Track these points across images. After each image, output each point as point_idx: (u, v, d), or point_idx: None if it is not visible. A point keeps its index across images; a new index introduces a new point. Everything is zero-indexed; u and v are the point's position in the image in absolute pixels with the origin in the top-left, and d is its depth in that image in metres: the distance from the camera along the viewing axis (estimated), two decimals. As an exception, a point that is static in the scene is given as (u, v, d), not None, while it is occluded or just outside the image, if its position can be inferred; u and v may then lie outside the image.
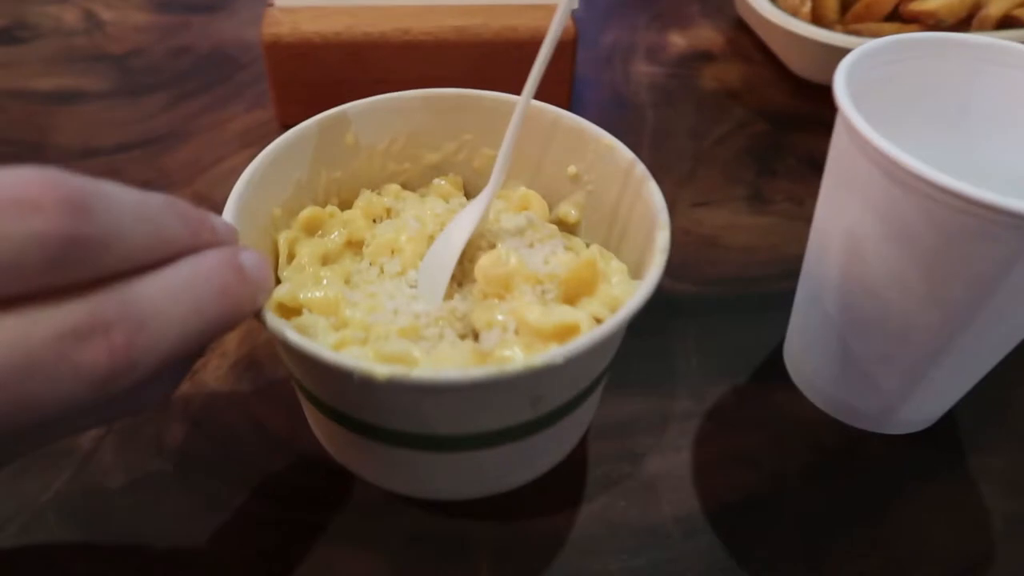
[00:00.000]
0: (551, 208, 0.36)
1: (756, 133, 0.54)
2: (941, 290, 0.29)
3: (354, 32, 0.49)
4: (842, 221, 0.31)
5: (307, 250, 0.32)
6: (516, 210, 0.35)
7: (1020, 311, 0.29)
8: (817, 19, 0.58)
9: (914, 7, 0.55)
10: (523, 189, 0.36)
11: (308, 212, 0.33)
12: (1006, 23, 0.55)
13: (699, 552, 0.32)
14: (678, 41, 0.63)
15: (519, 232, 0.33)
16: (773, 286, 0.43)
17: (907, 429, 0.36)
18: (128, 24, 0.62)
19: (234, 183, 0.48)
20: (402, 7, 0.50)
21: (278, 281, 0.32)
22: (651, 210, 0.30)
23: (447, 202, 0.36)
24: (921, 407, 0.35)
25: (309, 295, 0.30)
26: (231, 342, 0.38)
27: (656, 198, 0.30)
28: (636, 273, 0.31)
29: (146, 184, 0.48)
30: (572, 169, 0.35)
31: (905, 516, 0.33)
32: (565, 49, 0.50)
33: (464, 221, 0.32)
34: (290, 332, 0.24)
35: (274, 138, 0.53)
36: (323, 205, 0.35)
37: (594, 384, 0.29)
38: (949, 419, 0.37)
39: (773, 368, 0.39)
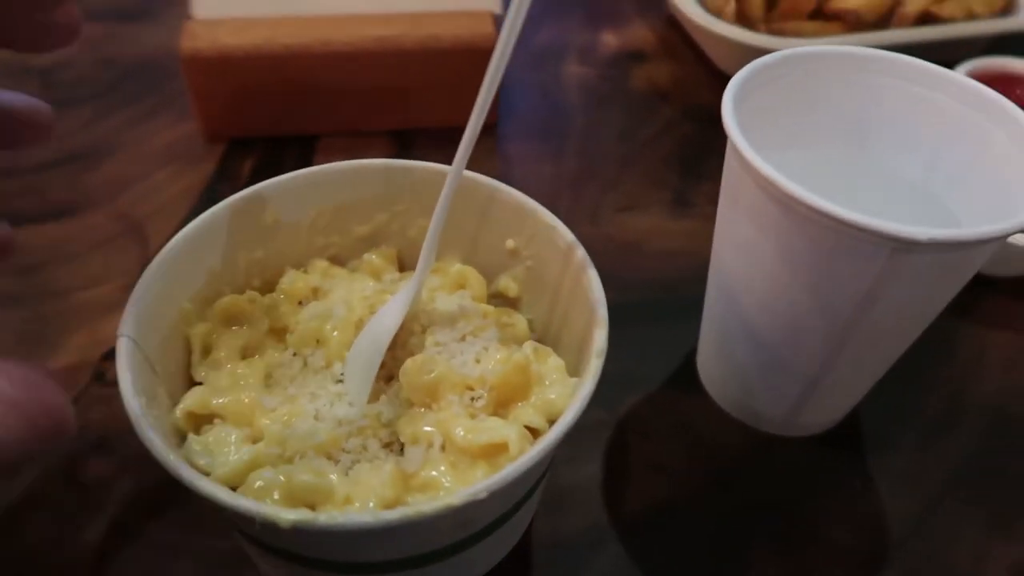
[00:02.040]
0: (490, 281, 0.34)
1: (683, 134, 0.55)
2: (824, 303, 0.29)
3: (274, 44, 0.48)
4: (735, 237, 0.32)
5: (225, 343, 0.30)
6: (452, 288, 0.34)
7: (901, 322, 0.30)
8: (743, 17, 0.58)
9: (836, 4, 0.55)
10: (459, 265, 0.34)
11: (225, 302, 0.31)
12: (924, 19, 0.56)
13: (606, 563, 0.33)
14: (611, 41, 0.63)
15: (451, 321, 0.31)
16: (690, 291, 0.43)
17: (811, 431, 0.37)
18: (53, 35, 0.61)
19: (157, 201, 0.49)
20: (323, 17, 0.50)
21: (193, 382, 0.30)
22: (589, 302, 0.29)
23: (379, 280, 0.34)
24: (821, 411, 0.36)
25: (221, 401, 0.28)
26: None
27: (595, 290, 0.29)
28: (575, 368, 0.30)
29: (66, 205, 0.48)
30: (511, 243, 0.34)
31: (808, 518, 0.34)
32: (486, 59, 0.50)
33: (392, 309, 0.30)
34: (184, 471, 0.23)
35: (200, 153, 0.52)
36: (243, 290, 0.32)
37: (532, 490, 0.28)
38: (854, 420, 0.38)
39: (686, 375, 0.40)
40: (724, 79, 0.59)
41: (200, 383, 0.30)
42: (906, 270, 0.27)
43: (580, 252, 0.31)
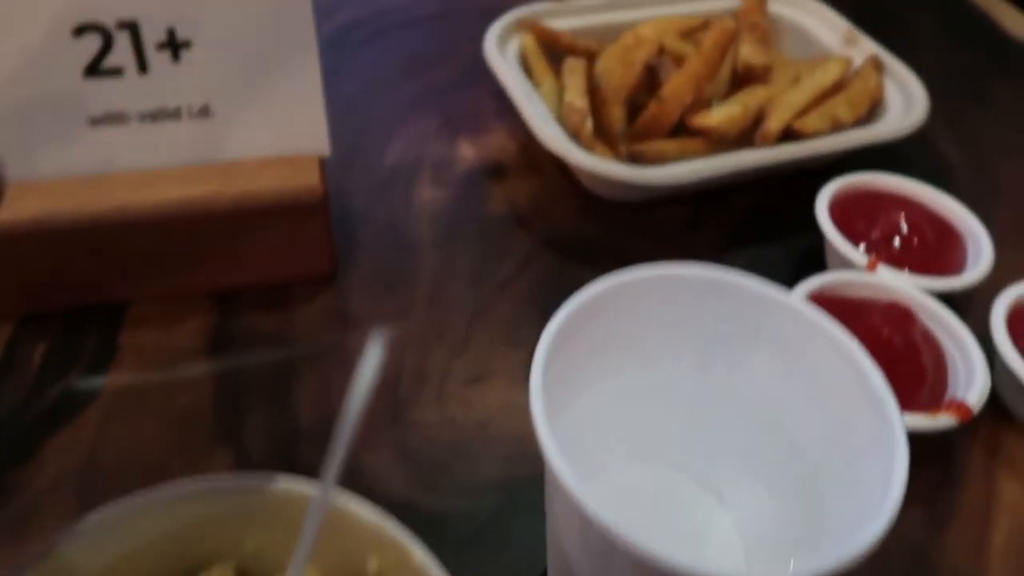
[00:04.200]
0: None
1: (544, 269, 0.50)
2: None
3: (57, 218, 0.41)
4: (557, 530, 0.28)
5: None
6: None
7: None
8: (603, 130, 0.54)
9: (698, 121, 0.52)
10: None
11: None
12: (788, 136, 0.53)
13: None
14: (468, 153, 0.59)
15: None
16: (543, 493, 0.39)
17: None
18: None
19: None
20: (116, 176, 0.43)
21: None
22: None
23: None
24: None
25: None
26: None
27: None
28: None
29: None
30: (373, 565, 0.29)
31: None
32: (313, 213, 0.45)
33: None
34: None
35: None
36: None
37: None
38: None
39: (534, 609, 0.35)
40: (590, 197, 0.55)
41: None
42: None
43: None
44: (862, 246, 0.47)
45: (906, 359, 0.41)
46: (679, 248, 0.53)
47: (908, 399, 0.41)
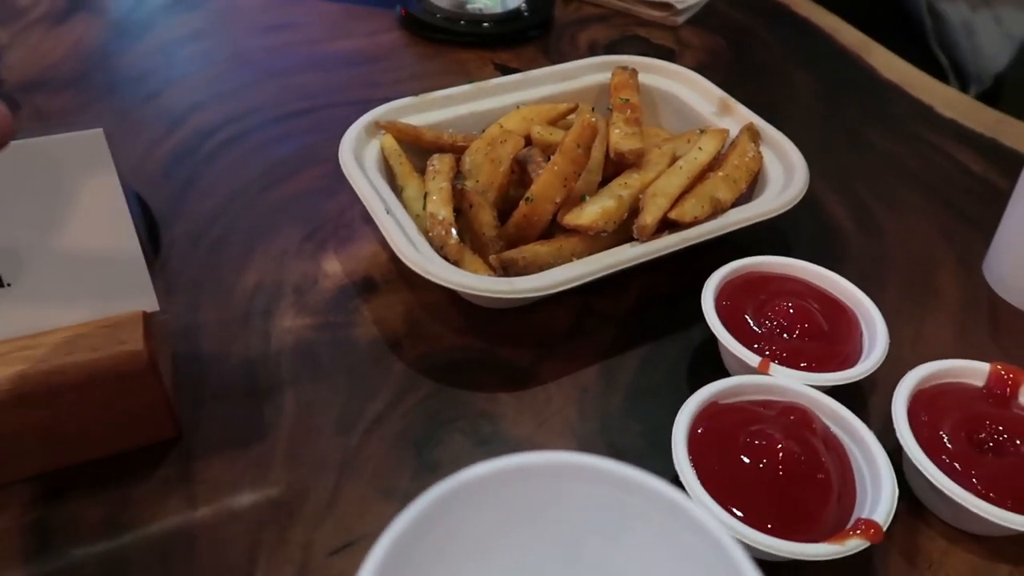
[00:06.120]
0: None
1: (417, 403, 0.46)
2: None
3: None
4: None
5: None
6: None
7: None
8: (473, 236, 0.51)
9: (570, 220, 0.49)
10: None
11: None
12: (667, 225, 0.50)
13: None
14: (334, 268, 0.54)
15: None
16: None
17: None
18: None
19: None
20: (-102, 368, 0.37)
21: None
22: None
23: None
24: None
25: None
26: None
27: None
28: None
29: None
30: None
31: None
32: (140, 378, 0.39)
33: None
34: None
35: None
36: None
37: None
38: None
39: None
40: (467, 305, 0.51)
41: None
42: None
43: None
44: (755, 345, 0.44)
45: (809, 472, 0.38)
46: (566, 354, 0.49)
47: (816, 517, 0.38)
